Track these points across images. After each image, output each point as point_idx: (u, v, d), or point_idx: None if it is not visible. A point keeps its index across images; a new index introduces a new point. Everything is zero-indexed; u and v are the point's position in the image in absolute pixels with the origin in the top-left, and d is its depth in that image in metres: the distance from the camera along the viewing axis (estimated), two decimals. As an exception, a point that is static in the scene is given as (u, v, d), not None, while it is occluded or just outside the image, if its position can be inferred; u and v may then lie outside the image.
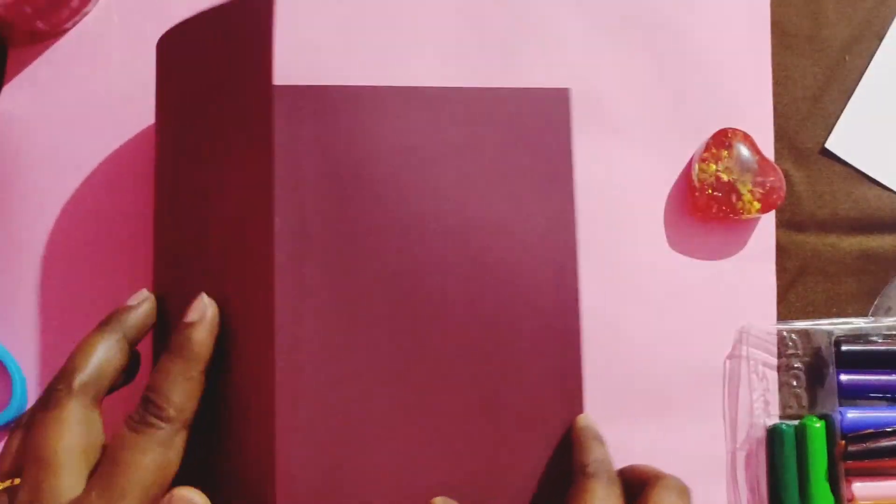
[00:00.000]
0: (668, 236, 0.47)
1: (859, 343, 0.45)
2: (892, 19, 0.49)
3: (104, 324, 0.38)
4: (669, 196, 0.48)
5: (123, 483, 0.33)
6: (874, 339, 0.45)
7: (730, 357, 0.46)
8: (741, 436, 0.45)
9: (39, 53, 0.47)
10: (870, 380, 0.44)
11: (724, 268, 0.47)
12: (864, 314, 0.47)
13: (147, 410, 0.34)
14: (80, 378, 0.35)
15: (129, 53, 0.47)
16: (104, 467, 0.34)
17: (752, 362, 0.46)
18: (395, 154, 0.43)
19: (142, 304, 0.39)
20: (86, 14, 0.47)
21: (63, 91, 0.47)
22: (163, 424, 0.34)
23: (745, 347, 0.46)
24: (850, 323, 0.45)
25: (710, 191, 0.46)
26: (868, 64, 0.49)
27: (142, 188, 0.46)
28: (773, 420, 0.45)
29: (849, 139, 0.48)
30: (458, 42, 0.48)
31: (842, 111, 0.49)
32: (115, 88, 0.47)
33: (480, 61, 0.48)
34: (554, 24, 0.49)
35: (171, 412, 0.35)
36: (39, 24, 0.45)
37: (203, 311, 0.37)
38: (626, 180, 0.48)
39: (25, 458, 0.34)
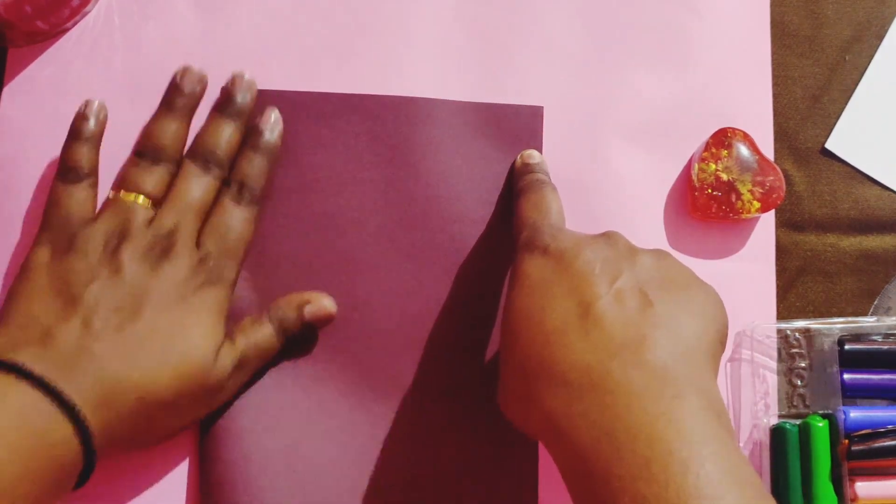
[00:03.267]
0: (668, 236, 0.47)
1: (862, 342, 0.45)
2: (893, 19, 0.49)
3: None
4: (669, 196, 0.48)
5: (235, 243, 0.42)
6: (877, 338, 0.45)
7: (732, 357, 0.46)
8: (744, 435, 0.45)
9: (39, 53, 0.47)
10: (873, 379, 0.44)
11: (724, 268, 0.47)
12: (863, 314, 0.47)
13: (244, 191, 0.42)
14: None
15: (129, 53, 0.47)
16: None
17: (754, 362, 0.46)
18: (379, 155, 0.46)
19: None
20: (86, 14, 0.47)
21: (63, 91, 0.47)
22: (256, 204, 0.43)
23: (747, 347, 0.46)
24: (854, 322, 0.45)
25: (710, 190, 0.46)
26: (868, 64, 0.49)
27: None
28: (776, 420, 0.45)
29: (849, 139, 0.48)
30: (456, 43, 0.48)
31: (842, 111, 0.49)
32: (115, 88, 0.47)
33: (479, 63, 0.48)
34: (553, 24, 0.49)
35: (258, 195, 0.43)
36: (39, 24, 0.45)
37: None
38: (626, 180, 0.47)
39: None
